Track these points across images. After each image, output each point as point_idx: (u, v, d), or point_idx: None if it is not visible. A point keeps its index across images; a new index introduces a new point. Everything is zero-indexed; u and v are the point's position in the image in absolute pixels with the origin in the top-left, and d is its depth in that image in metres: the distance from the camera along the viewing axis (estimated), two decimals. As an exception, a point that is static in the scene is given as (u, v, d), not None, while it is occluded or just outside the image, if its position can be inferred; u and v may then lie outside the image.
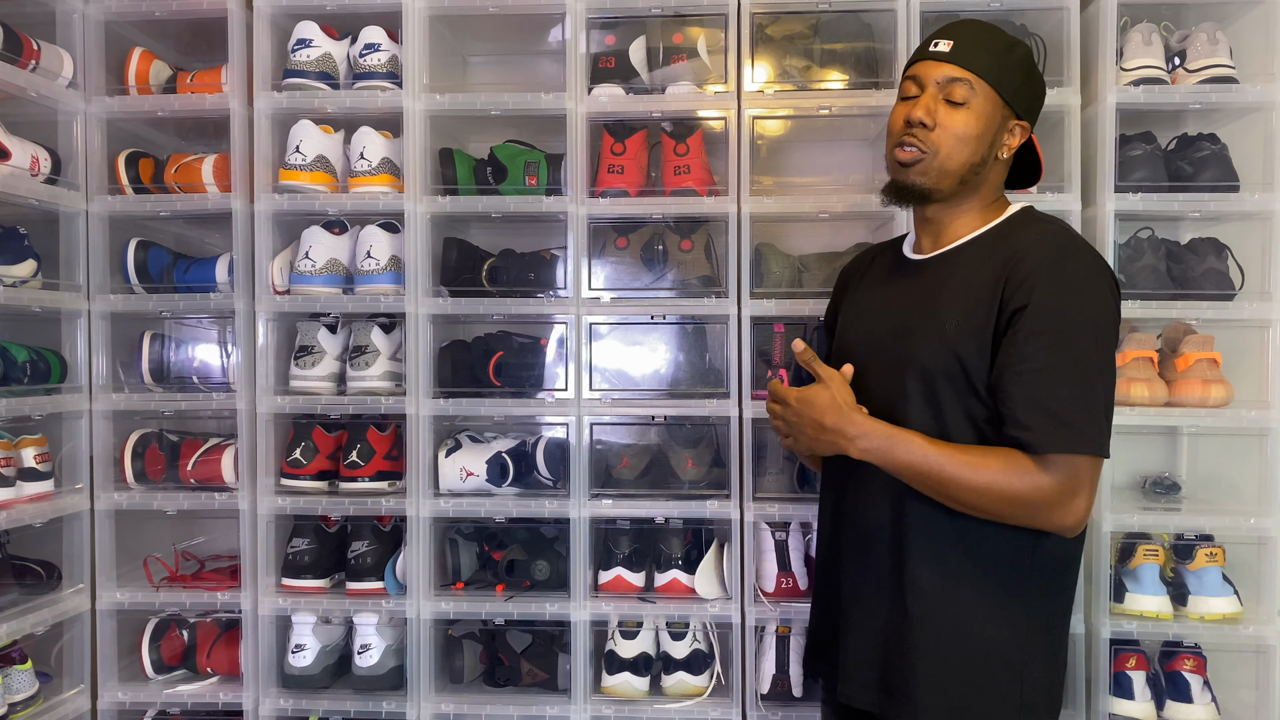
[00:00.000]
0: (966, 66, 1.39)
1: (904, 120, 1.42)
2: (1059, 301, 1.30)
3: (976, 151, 1.40)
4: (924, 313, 1.42)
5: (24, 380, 2.01)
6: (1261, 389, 2.01)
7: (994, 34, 1.44)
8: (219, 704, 2.12)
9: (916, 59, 1.46)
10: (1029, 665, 1.37)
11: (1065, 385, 1.28)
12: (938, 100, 1.40)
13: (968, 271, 1.41)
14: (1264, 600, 1.99)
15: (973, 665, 1.36)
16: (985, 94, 1.39)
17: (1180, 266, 2.07)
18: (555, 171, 2.15)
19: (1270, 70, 2.01)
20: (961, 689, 1.37)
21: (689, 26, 2.15)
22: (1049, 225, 1.42)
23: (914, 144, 1.41)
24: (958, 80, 1.39)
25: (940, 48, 1.41)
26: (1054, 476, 1.28)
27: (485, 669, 2.20)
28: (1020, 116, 1.45)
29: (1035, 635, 1.38)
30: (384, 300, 2.11)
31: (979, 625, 1.37)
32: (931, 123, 1.39)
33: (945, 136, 1.39)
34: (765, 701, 2.06)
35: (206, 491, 2.15)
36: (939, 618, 1.38)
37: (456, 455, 2.14)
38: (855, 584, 1.47)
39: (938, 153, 1.40)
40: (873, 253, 1.68)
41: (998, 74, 1.40)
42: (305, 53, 2.12)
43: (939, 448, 1.33)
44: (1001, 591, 1.37)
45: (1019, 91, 1.43)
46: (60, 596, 2.10)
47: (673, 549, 2.14)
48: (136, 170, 2.20)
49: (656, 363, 2.21)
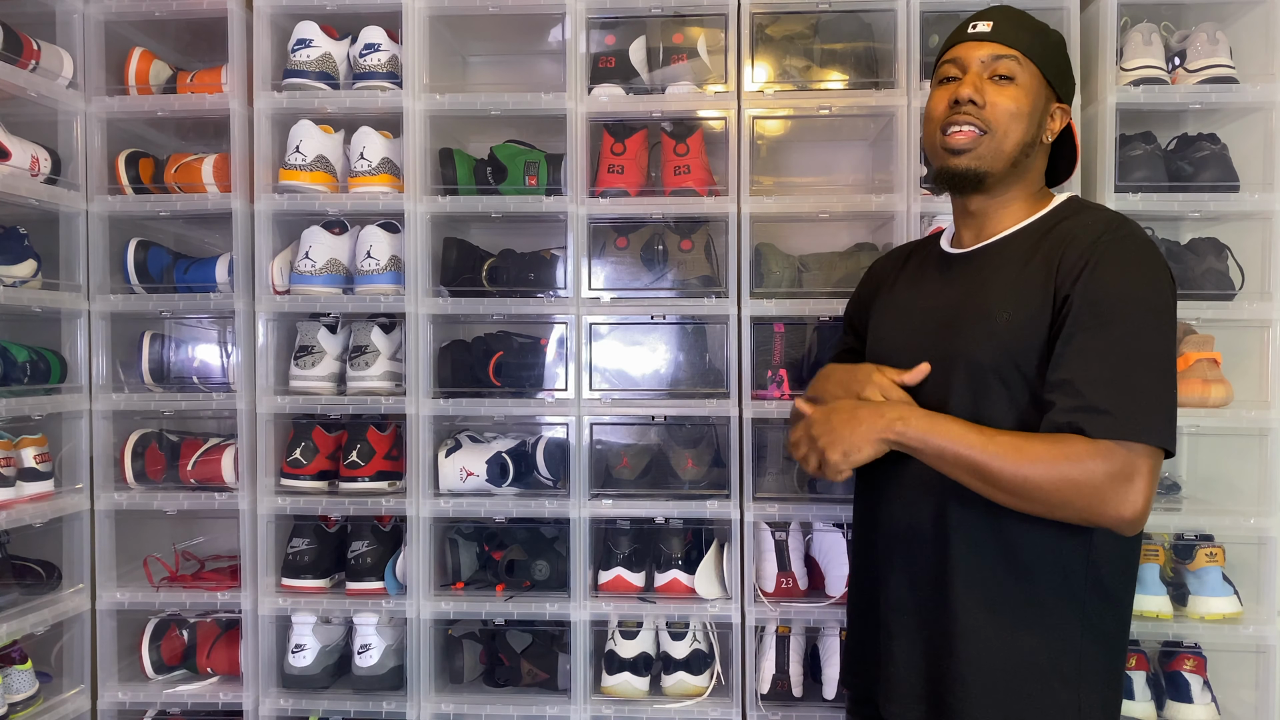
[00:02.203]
0: (1011, 44, 1.35)
1: (949, 101, 1.36)
2: (1116, 283, 1.24)
3: (1028, 130, 1.35)
4: (972, 307, 1.35)
5: (24, 380, 2.01)
6: (1261, 389, 2.01)
7: (1029, 17, 1.41)
8: (219, 704, 2.12)
9: (955, 41, 1.40)
10: (1086, 678, 1.29)
11: (1127, 368, 1.20)
12: (983, 79, 1.35)
13: (1017, 262, 1.34)
14: (1264, 600, 1.99)
15: (1025, 678, 1.29)
16: (1031, 71, 1.35)
17: (1180, 266, 2.07)
18: (555, 171, 2.15)
19: (1270, 70, 2.01)
20: (1014, 703, 1.29)
21: (689, 26, 2.15)
22: (1101, 211, 1.37)
23: (968, 123, 1.34)
24: (1003, 57, 1.34)
25: (981, 28, 1.37)
26: (1110, 464, 1.18)
27: (485, 669, 2.20)
28: (1060, 100, 1.41)
29: (1092, 647, 1.30)
30: (384, 300, 2.11)
31: (1031, 636, 1.29)
32: (981, 100, 1.33)
33: (998, 114, 1.33)
34: (765, 701, 2.06)
35: (206, 491, 2.15)
36: (988, 628, 1.30)
37: (456, 455, 2.14)
38: (897, 594, 1.40)
39: (994, 131, 1.34)
40: (907, 249, 1.61)
41: (1041, 52, 1.36)
42: (305, 53, 2.12)
43: (981, 431, 1.25)
44: (1053, 600, 1.29)
45: (1060, 73, 1.39)
46: (60, 596, 2.10)
47: (673, 549, 2.14)
48: (136, 170, 2.20)
49: (656, 363, 2.21)
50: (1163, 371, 1.23)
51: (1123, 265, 1.25)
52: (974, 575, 1.32)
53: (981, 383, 1.31)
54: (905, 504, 1.39)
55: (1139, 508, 1.19)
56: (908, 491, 1.39)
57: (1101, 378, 1.21)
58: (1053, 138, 1.41)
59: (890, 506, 1.42)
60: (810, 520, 2.08)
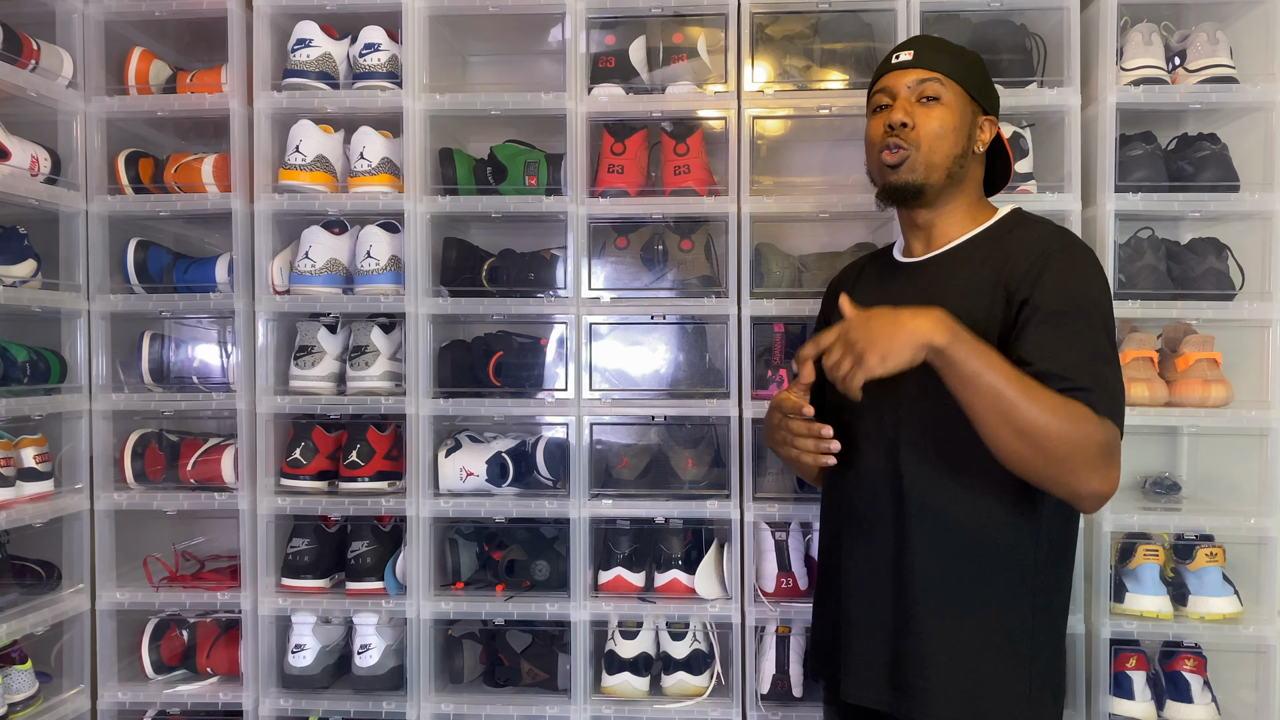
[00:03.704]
0: (932, 68, 1.48)
1: (883, 127, 1.49)
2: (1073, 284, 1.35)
3: (957, 143, 1.47)
4: None
5: (24, 380, 2.01)
6: (1262, 389, 2.01)
7: (947, 42, 1.56)
8: (219, 704, 2.12)
9: (882, 72, 1.54)
10: (1036, 653, 1.40)
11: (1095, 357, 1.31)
12: (912, 103, 1.48)
13: (967, 271, 1.45)
14: (1264, 600, 1.99)
15: (982, 655, 1.38)
16: (954, 90, 1.48)
17: (1180, 266, 2.07)
18: (555, 171, 2.15)
19: (1270, 70, 2.01)
20: (972, 679, 1.38)
21: (689, 26, 2.15)
22: (1044, 223, 1.48)
23: (898, 144, 1.46)
24: (927, 80, 1.48)
25: (903, 57, 1.51)
26: (1105, 436, 1.27)
27: (485, 669, 2.20)
28: (987, 112, 1.53)
29: (1042, 623, 1.41)
30: (384, 300, 2.10)
31: (987, 614, 1.38)
32: (911, 122, 1.46)
33: (926, 132, 1.46)
34: (765, 702, 2.06)
35: (206, 491, 2.15)
36: (946, 608, 1.39)
37: (456, 455, 2.14)
38: (857, 580, 1.48)
39: (920, 146, 1.46)
40: (861, 263, 1.72)
41: (961, 72, 1.49)
42: (305, 52, 2.12)
43: (1010, 366, 1.27)
44: (1007, 580, 1.39)
45: (981, 88, 1.52)
46: (60, 596, 2.10)
47: (673, 549, 2.14)
48: (136, 170, 2.20)
49: (656, 363, 2.21)
50: (1118, 364, 1.36)
51: (1076, 269, 1.37)
52: (931, 560, 1.40)
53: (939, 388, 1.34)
54: (865, 494, 1.48)
55: (1113, 484, 1.29)
56: (867, 481, 1.47)
57: (1078, 363, 1.30)
58: (984, 147, 1.53)
59: (851, 496, 1.50)
60: (810, 520, 2.09)
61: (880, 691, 1.44)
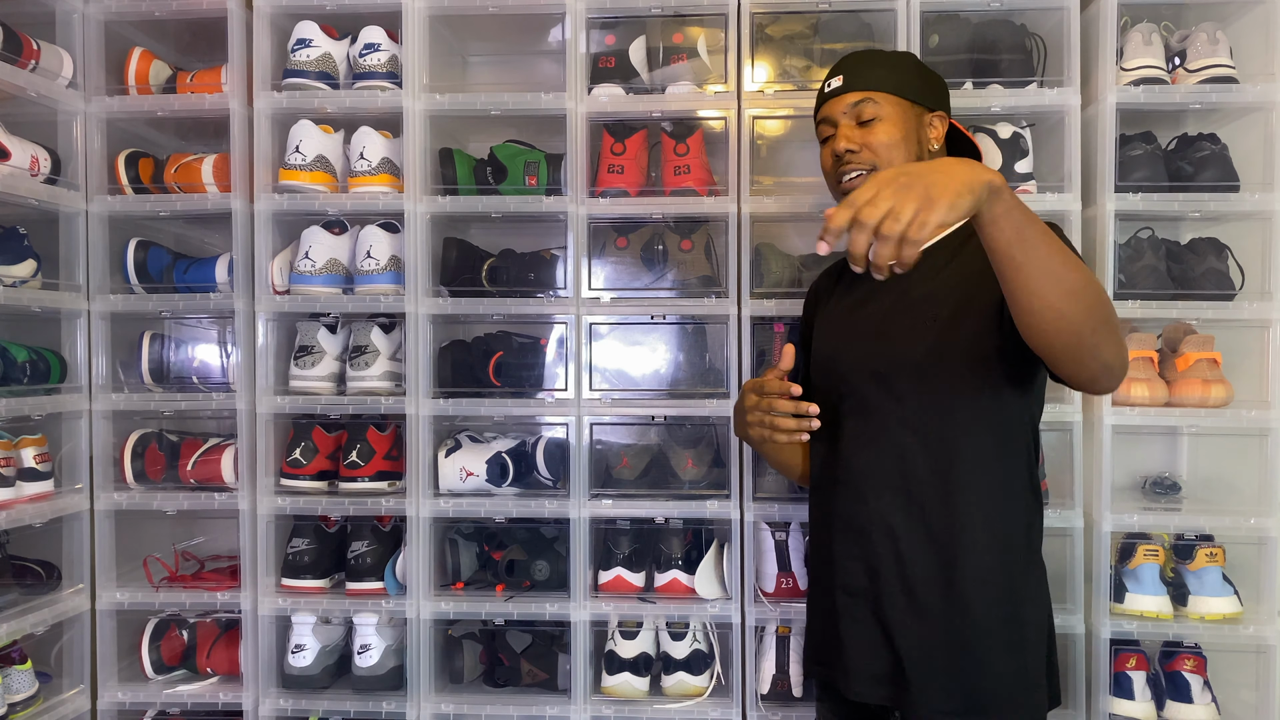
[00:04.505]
0: (862, 88, 1.50)
1: (832, 156, 1.52)
2: None
3: (908, 152, 1.49)
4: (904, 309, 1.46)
5: (24, 380, 2.01)
6: (1262, 389, 2.01)
7: (875, 53, 1.58)
8: (219, 704, 2.12)
9: (820, 103, 1.56)
10: (1030, 643, 1.41)
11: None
12: (852, 127, 1.51)
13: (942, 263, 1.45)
14: (1264, 600, 1.99)
15: (978, 647, 1.39)
16: (891, 102, 1.50)
17: (1180, 266, 2.07)
18: (555, 171, 2.15)
19: (1270, 70, 2.01)
20: (972, 671, 1.38)
21: (689, 26, 2.15)
22: None
23: (854, 169, 1.49)
24: (860, 102, 1.50)
25: (834, 84, 1.54)
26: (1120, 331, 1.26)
27: (485, 669, 2.20)
28: (933, 109, 1.54)
29: (1035, 614, 1.43)
30: (384, 300, 2.10)
31: (981, 608, 1.39)
32: (857, 146, 1.49)
33: (876, 150, 1.48)
34: (765, 702, 2.06)
35: (206, 491, 2.15)
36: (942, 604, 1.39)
37: (456, 455, 2.14)
38: (853, 580, 1.48)
39: (875, 165, 1.48)
40: (840, 265, 1.72)
41: (893, 81, 1.51)
42: (305, 52, 2.11)
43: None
44: (1001, 572, 1.40)
45: (919, 89, 1.53)
46: (60, 596, 2.10)
47: (673, 549, 2.14)
48: (136, 170, 2.20)
49: (656, 363, 2.21)
50: None
51: None
52: (925, 554, 1.40)
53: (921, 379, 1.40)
54: (853, 492, 1.48)
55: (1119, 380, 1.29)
56: (855, 478, 1.47)
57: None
58: (938, 144, 1.54)
59: (843, 495, 1.50)
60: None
61: (883, 688, 1.44)
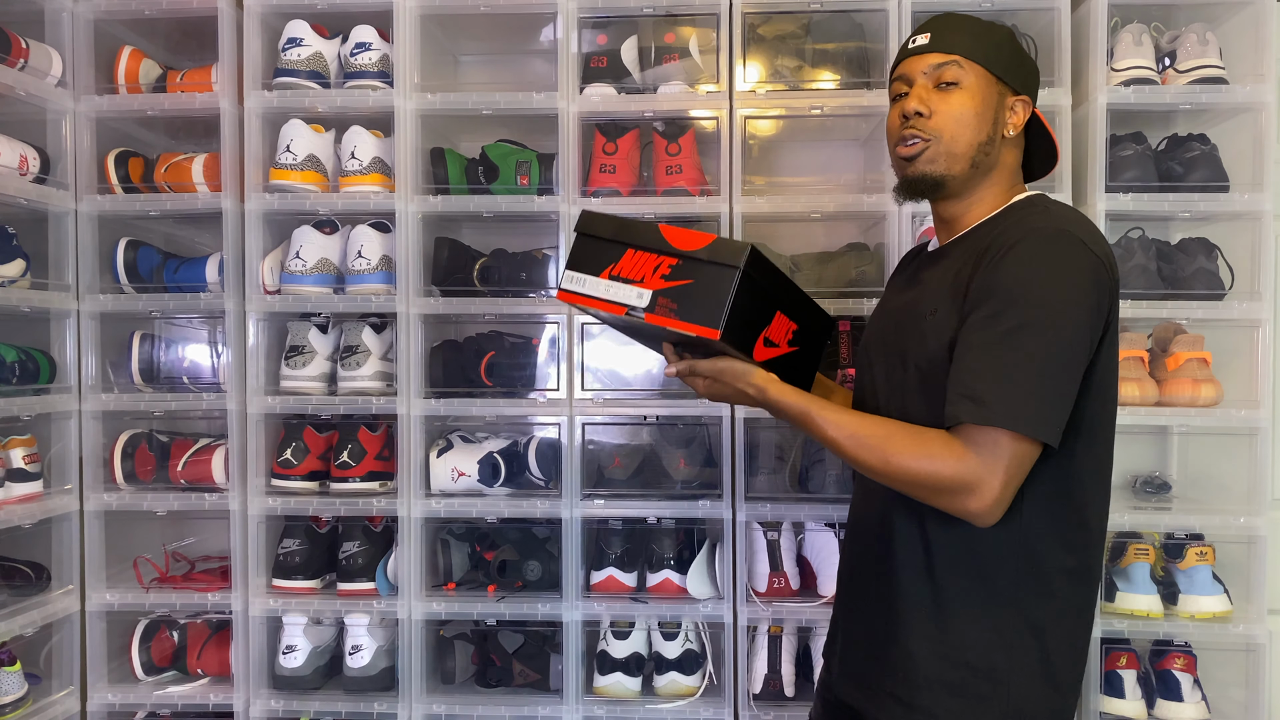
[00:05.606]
0: (949, 50, 1.37)
1: (900, 116, 1.39)
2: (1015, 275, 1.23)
3: (980, 130, 1.36)
4: (914, 305, 1.40)
5: (13, 380, 2.00)
6: (1251, 388, 2.02)
7: (970, 19, 1.42)
8: (209, 705, 2.11)
9: (899, 60, 1.44)
10: (1015, 673, 1.30)
11: (1008, 358, 1.20)
12: (929, 89, 1.37)
13: (953, 261, 1.36)
14: (1254, 599, 2.00)
15: (953, 668, 1.31)
16: (975, 72, 1.36)
17: (1170, 266, 2.08)
18: (547, 171, 2.14)
19: (1260, 71, 2.02)
20: (938, 693, 1.32)
21: (681, 26, 2.15)
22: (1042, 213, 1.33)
23: (915, 135, 1.36)
24: (944, 64, 1.36)
25: (919, 41, 1.40)
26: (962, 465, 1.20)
27: (477, 670, 2.20)
28: (1018, 92, 1.39)
29: (1024, 641, 1.30)
30: (375, 300, 2.10)
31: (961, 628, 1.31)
32: (927, 110, 1.36)
33: (945, 120, 1.35)
34: (757, 701, 2.06)
35: (197, 492, 2.14)
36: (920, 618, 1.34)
37: (448, 455, 2.14)
38: (852, 583, 1.48)
39: (940, 137, 1.35)
40: (912, 252, 1.62)
41: (984, 52, 1.37)
42: (296, 52, 2.11)
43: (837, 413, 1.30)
44: (986, 596, 1.30)
45: (1009, 67, 1.39)
46: (49, 598, 2.09)
47: (665, 549, 2.13)
48: (126, 169, 2.19)
49: (648, 363, 2.21)
50: (1045, 361, 1.21)
51: (1030, 260, 1.24)
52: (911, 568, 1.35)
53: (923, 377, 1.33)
54: (863, 498, 1.48)
55: (988, 502, 1.20)
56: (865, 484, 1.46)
57: (979, 366, 1.22)
58: (1015, 130, 1.40)
59: (856, 500, 1.51)
60: (802, 520, 2.09)
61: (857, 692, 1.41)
